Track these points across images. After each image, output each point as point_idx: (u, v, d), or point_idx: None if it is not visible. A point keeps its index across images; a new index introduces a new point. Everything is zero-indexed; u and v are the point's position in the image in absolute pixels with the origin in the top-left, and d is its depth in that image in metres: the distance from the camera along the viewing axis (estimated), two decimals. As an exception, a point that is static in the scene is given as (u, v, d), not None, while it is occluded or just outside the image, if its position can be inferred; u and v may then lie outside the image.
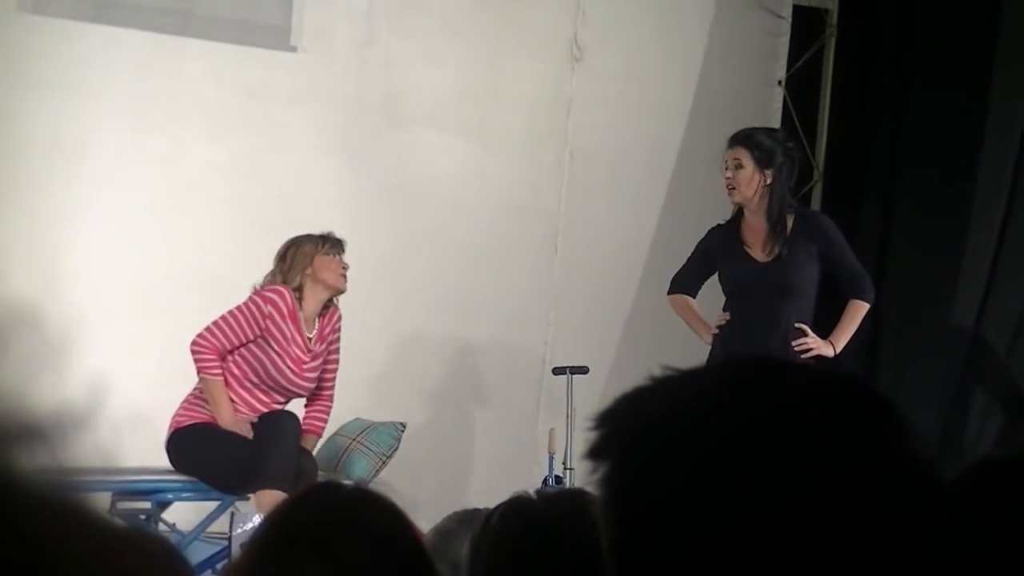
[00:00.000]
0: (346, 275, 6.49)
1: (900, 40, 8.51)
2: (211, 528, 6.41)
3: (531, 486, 2.38)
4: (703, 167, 7.16)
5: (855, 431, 1.16)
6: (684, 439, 1.16)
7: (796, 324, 6.27)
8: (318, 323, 6.50)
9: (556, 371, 7.25)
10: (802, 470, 1.13)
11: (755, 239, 6.36)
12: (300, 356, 6.40)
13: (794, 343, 6.23)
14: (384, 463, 6.70)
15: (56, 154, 7.23)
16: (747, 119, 7.20)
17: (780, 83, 8.59)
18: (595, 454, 1.20)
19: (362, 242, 7.62)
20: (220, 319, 6.35)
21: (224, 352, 6.34)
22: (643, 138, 8.34)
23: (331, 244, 6.48)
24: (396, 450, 6.76)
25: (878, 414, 1.18)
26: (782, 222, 6.31)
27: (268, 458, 6.16)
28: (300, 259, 6.43)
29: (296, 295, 6.41)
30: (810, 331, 6.30)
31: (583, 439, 1.24)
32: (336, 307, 6.57)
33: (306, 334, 6.43)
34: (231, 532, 5.87)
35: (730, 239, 6.41)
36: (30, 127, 7.19)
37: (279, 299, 6.34)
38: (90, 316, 7.17)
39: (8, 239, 7.12)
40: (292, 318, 6.36)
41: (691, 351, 6.18)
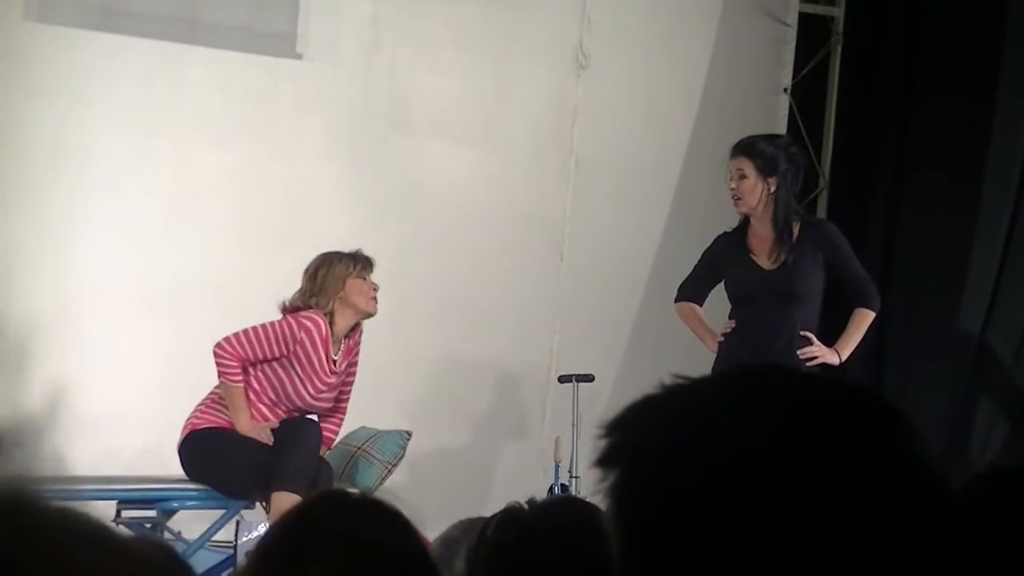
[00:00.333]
0: (376, 298, 6.46)
1: (905, 47, 8.51)
2: (216, 536, 6.40)
3: (537, 494, 2.38)
4: (709, 174, 7.15)
5: (865, 440, 1.16)
6: (693, 448, 1.16)
7: (801, 332, 6.27)
8: (344, 344, 6.49)
9: (562, 379, 7.24)
10: (811, 479, 1.12)
11: (761, 246, 6.35)
12: (323, 380, 6.39)
13: (799, 351, 6.23)
14: (390, 471, 6.69)
15: (61, 161, 7.23)
16: (753, 126, 7.20)
17: (786, 90, 8.58)
18: (604, 462, 1.19)
19: (368, 249, 7.62)
20: (251, 330, 6.31)
21: (247, 362, 6.32)
22: (648, 145, 8.34)
23: (362, 266, 6.44)
24: (402, 458, 6.76)
25: (887, 423, 1.18)
26: (788, 229, 6.30)
27: (288, 461, 6.16)
28: (332, 282, 6.38)
29: (328, 317, 6.39)
30: (815, 339, 6.29)
31: (590, 447, 1.23)
32: (360, 326, 6.55)
33: (333, 356, 6.42)
34: (236, 540, 5.87)
35: (736, 246, 6.40)
36: (35, 134, 7.20)
37: (314, 328, 6.31)
38: (96, 322, 7.18)
39: (13, 245, 7.13)
40: (324, 346, 6.35)
41: (697, 359, 6.18)
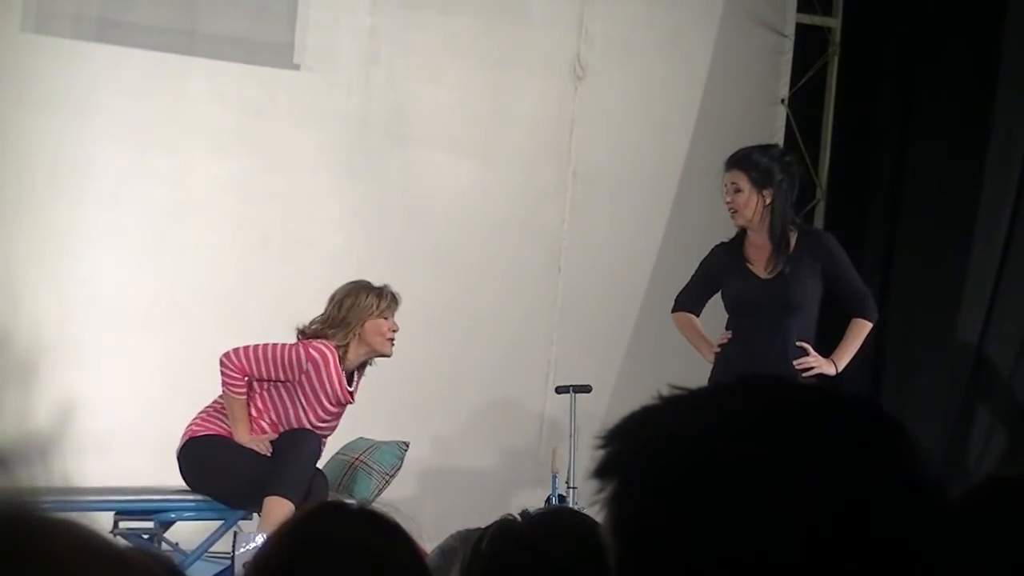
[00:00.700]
0: (394, 340, 6.45)
1: (903, 57, 8.52)
2: (214, 547, 6.40)
3: (534, 505, 2.37)
4: (706, 186, 7.16)
5: (862, 451, 1.16)
6: (691, 459, 1.16)
7: (798, 342, 6.26)
8: (356, 376, 6.50)
9: (559, 389, 7.24)
10: (808, 491, 1.12)
11: (758, 256, 6.35)
12: (327, 409, 6.38)
13: (796, 361, 6.22)
14: (387, 482, 6.69)
15: (59, 173, 7.24)
16: (750, 137, 7.20)
17: (783, 101, 8.59)
18: (602, 473, 1.19)
19: (365, 260, 7.63)
20: (260, 348, 6.29)
21: (251, 377, 6.32)
22: (646, 157, 8.35)
23: (387, 304, 6.43)
24: (399, 469, 6.76)
25: (885, 434, 1.18)
26: (785, 240, 6.30)
27: (285, 468, 6.17)
28: (355, 316, 6.36)
29: (341, 351, 6.39)
30: (812, 349, 6.29)
31: (587, 458, 1.23)
32: (372, 361, 6.57)
33: (347, 387, 6.42)
34: (234, 552, 5.86)
35: (733, 256, 6.41)
36: (33, 147, 7.20)
37: (321, 361, 6.30)
38: (94, 334, 7.18)
39: (12, 258, 7.13)
40: (337, 375, 6.34)
41: (694, 370, 6.18)
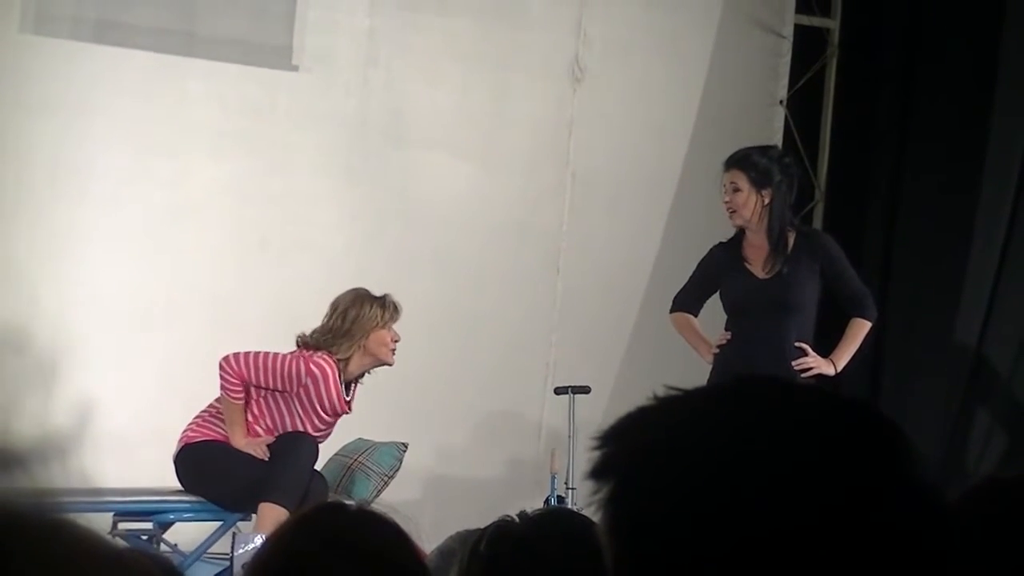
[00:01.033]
0: (395, 349, 6.45)
1: (902, 59, 8.52)
2: (213, 549, 6.40)
3: (533, 506, 2.37)
4: (705, 187, 7.16)
5: (859, 453, 1.16)
6: (687, 459, 1.16)
7: (797, 343, 6.27)
8: (354, 386, 6.50)
9: (558, 391, 7.24)
10: (805, 492, 1.12)
11: (757, 257, 6.36)
12: (323, 419, 6.38)
13: (795, 362, 6.22)
14: (386, 483, 6.69)
15: (59, 175, 7.23)
16: (749, 139, 7.21)
17: (782, 102, 8.59)
18: (598, 474, 1.19)
19: (364, 263, 7.63)
20: (261, 356, 6.28)
21: (248, 383, 6.31)
22: (645, 158, 8.35)
23: (390, 315, 6.42)
24: (398, 470, 6.76)
25: (882, 436, 1.18)
26: (783, 240, 6.31)
27: (281, 474, 6.16)
28: (359, 327, 6.35)
29: (343, 363, 6.39)
30: (810, 350, 6.29)
31: (586, 459, 1.23)
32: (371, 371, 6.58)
33: (346, 397, 6.42)
34: (233, 553, 5.86)
35: (732, 257, 6.41)
36: (33, 148, 7.20)
37: (320, 377, 6.28)
38: (92, 336, 7.18)
39: (11, 259, 7.13)
40: (335, 388, 6.33)
41: (693, 371, 6.18)
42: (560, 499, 6.73)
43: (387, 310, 6.41)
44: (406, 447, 6.81)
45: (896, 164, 8.46)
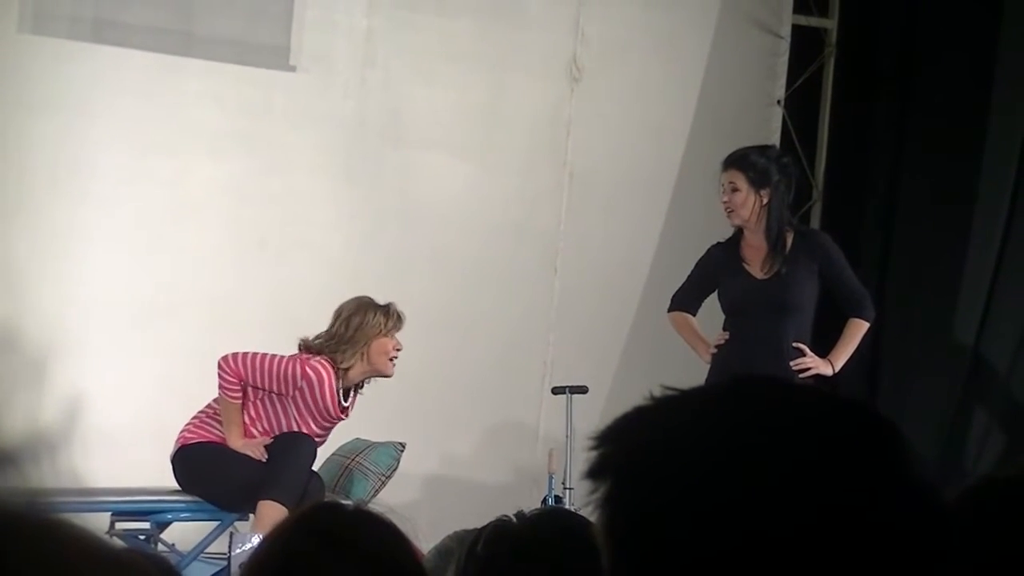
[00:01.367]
0: (396, 359, 6.45)
1: (899, 59, 8.53)
2: (210, 548, 6.40)
3: (530, 506, 2.37)
4: (703, 187, 7.16)
5: (856, 453, 1.16)
6: (684, 459, 1.16)
7: (795, 343, 6.27)
8: (354, 393, 6.50)
9: (555, 391, 7.23)
10: (803, 492, 1.12)
11: (755, 257, 6.36)
12: (319, 423, 6.38)
13: (793, 362, 6.23)
14: (383, 483, 6.69)
15: (59, 174, 7.23)
16: (746, 139, 7.21)
17: (779, 102, 8.59)
18: (594, 474, 1.19)
19: (362, 262, 7.64)
20: (259, 357, 6.28)
21: (246, 384, 6.32)
22: (643, 158, 8.35)
23: (393, 324, 6.43)
24: (395, 470, 6.76)
25: (879, 436, 1.18)
26: (781, 240, 6.31)
27: (280, 472, 6.17)
28: (361, 335, 6.35)
29: (343, 370, 6.38)
30: (808, 350, 6.29)
31: (583, 459, 1.23)
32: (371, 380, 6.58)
33: (342, 403, 6.42)
34: (230, 552, 5.86)
35: (730, 257, 6.41)
36: (32, 148, 7.20)
37: (316, 381, 6.28)
38: (91, 335, 7.18)
39: (10, 259, 7.12)
40: (331, 393, 6.33)
41: (691, 371, 6.18)
42: (558, 499, 6.73)
43: (390, 318, 6.42)
44: (404, 447, 6.81)
45: (894, 164, 8.47)
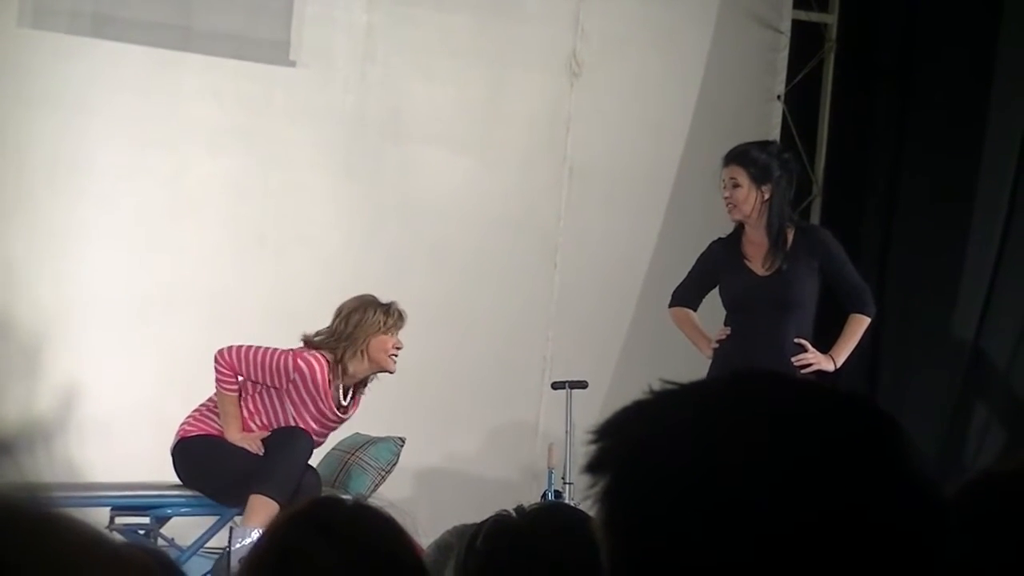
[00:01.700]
0: (396, 356, 6.46)
1: (899, 54, 8.52)
2: (210, 543, 6.41)
3: (530, 501, 2.37)
4: (702, 182, 7.16)
5: (857, 448, 1.16)
6: (684, 454, 1.16)
7: (796, 339, 6.27)
8: (355, 393, 6.50)
9: (555, 385, 7.24)
10: (803, 487, 1.12)
11: (756, 253, 6.36)
12: (317, 419, 6.38)
13: (794, 358, 6.23)
14: (383, 478, 6.69)
15: (57, 170, 7.23)
16: (746, 134, 7.20)
17: (779, 98, 8.59)
18: (594, 468, 1.19)
19: (361, 258, 7.64)
20: (253, 350, 6.30)
21: (242, 377, 6.33)
22: (642, 153, 8.34)
23: (394, 322, 6.43)
24: (395, 465, 6.76)
25: (881, 431, 1.18)
26: (782, 236, 6.31)
27: (274, 467, 6.18)
28: (361, 331, 6.36)
29: (340, 366, 6.38)
30: (810, 346, 6.29)
31: (582, 454, 1.23)
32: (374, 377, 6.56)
33: (341, 401, 6.41)
34: (230, 547, 5.87)
35: (731, 253, 6.41)
36: (31, 143, 7.19)
37: (308, 372, 6.28)
38: (90, 330, 7.18)
39: (9, 255, 7.12)
40: (323, 388, 6.33)
41: (691, 366, 6.18)
42: (557, 494, 6.73)
43: (391, 316, 6.43)
44: (403, 442, 6.82)
45: (894, 159, 8.46)
